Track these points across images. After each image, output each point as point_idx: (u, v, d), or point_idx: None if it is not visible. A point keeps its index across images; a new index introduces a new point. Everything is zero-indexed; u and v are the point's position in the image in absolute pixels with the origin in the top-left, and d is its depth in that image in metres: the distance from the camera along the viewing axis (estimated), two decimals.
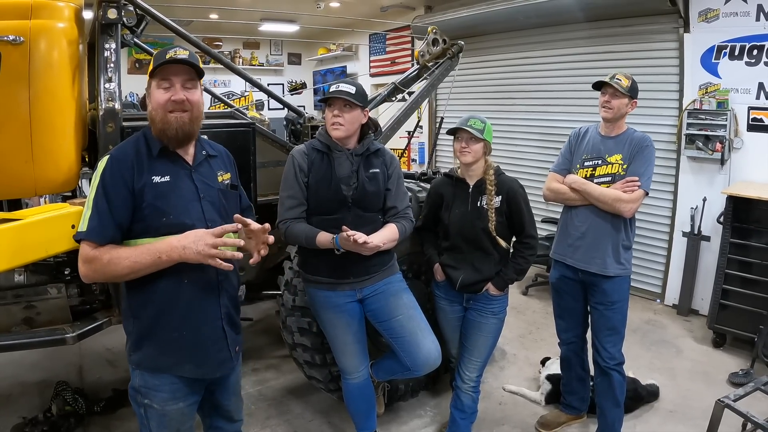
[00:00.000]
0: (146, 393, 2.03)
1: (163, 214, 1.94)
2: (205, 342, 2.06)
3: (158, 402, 2.03)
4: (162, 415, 2.04)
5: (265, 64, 11.79)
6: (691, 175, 5.37)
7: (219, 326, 2.09)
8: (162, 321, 1.99)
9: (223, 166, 2.22)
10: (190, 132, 2.01)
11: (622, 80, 3.01)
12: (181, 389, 2.06)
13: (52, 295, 2.87)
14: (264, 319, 5.21)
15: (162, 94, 1.96)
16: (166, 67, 1.95)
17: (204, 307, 2.05)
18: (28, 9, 2.58)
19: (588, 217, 3.11)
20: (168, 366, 2.02)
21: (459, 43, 4.81)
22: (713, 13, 5.02)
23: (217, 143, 2.31)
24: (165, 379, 2.02)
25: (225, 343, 2.12)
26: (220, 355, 2.11)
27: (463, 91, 7.51)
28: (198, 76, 2.03)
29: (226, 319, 2.12)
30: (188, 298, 2.00)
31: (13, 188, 2.77)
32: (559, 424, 3.55)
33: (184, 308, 2.00)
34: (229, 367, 2.18)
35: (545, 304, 5.71)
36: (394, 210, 2.86)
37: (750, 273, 4.53)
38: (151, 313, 1.99)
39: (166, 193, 1.96)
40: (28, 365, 4.24)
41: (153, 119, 1.98)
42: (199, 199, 2.04)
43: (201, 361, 2.06)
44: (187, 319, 2.01)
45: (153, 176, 1.96)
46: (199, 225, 1.97)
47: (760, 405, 3.08)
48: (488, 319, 3.07)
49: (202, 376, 2.11)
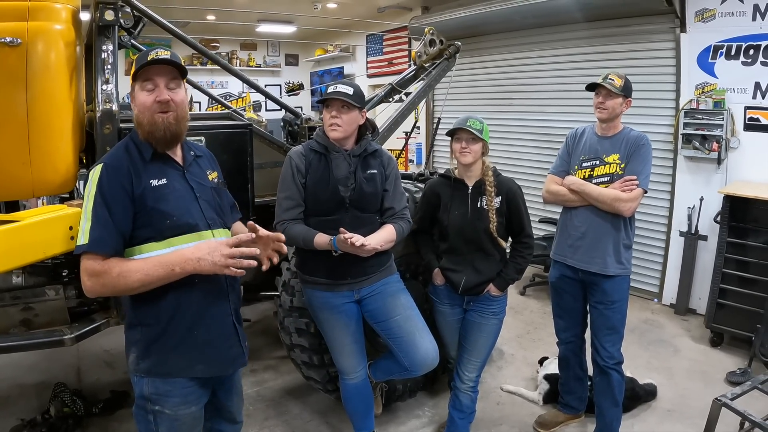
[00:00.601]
0: (157, 400, 2.00)
1: (166, 216, 1.93)
2: (217, 339, 2.07)
3: (170, 407, 2.00)
4: (174, 420, 2.02)
5: (262, 65, 11.78)
6: (688, 174, 5.38)
7: (230, 322, 2.11)
8: (174, 324, 1.97)
9: (210, 165, 2.24)
10: (177, 132, 2.00)
11: (615, 80, 3.02)
12: (193, 392, 2.05)
13: (50, 296, 2.87)
14: (262, 320, 5.22)
15: (146, 96, 1.95)
16: (149, 68, 1.94)
17: (215, 305, 2.06)
18: (26, 11, 2.57)
19: (587, 217, 3.12)
20: (180, 369, 2.00)
21: (456, 43, 4.81)
22: (709, 13, 5.03)
23: (201, 145, 2.37)
24: (176, 383, 2.01)
25: (237, 339, 2.14)
26: (233, 351, 2.13)
27: (460, 92, 7.51)
28: (181, 76, 2.03)
29: (235, 315, 2.14)
30: (200, 298, 2.00)
31: (10, 190, 2.76)
32: (557, 423, 3.56)
33: (196, 308, 2.00)
34: (242, 362, 2.20)
35: (543, 304, 5.71)
36: (391, 211, 2.86)
37: (747, 272, 4.54)
38: (162, 318, 1.97)
39: (166, 196, 1.96)
40: (26, 367, 4.24)
41: (140, 122, 1.97)
42: (197, 199, 2.05)
43: (214, 359, 2.07)
44: (200, 319, 2.01)
45: (150, 180, 1.95)
46: (201, 224, 2.00)
47: (758, 403, 3.09)
48: (489, 320, 3.07)
49: (216, 374, 2.12)
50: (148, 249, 1.92)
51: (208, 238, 2.01)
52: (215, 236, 2.04)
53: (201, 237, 1.99)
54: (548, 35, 6.63)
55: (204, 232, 2.02)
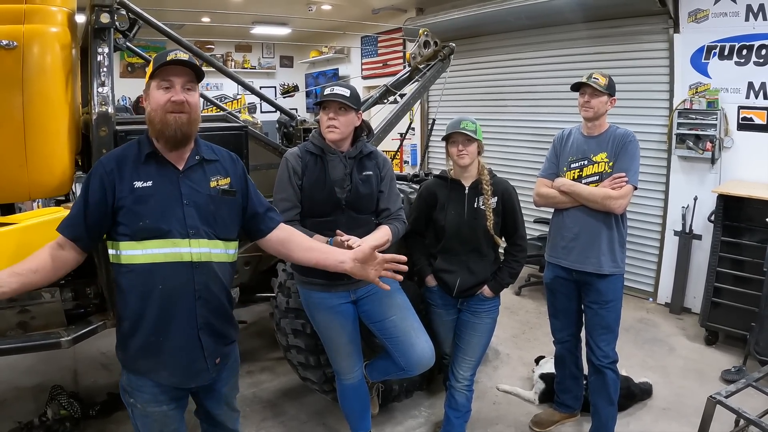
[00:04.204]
0: (131, 392, 2.06)
1: (140, 218, 1.94)
2: (178, 351, 2.02)
3: (141, 402, 2.05)
4: (144, 415, 2.07)
5: (257, 67, 11.78)
6: (682, 174, 5.41)
7: (194, 335, 2.03)
8: (139, 325, 1.98)
9: (222, 170, 2.15)
10: (188, 133, 2.00)
11: (600, 79, 3.05)
12: (162, 393, 2.06)
13: (47, 299, 2.86)
14: (258, 321, 5.22)
15: (162, 95, 1.95)
16: (167, 68, 1.95)
17: (177, 315, 1.99)
18: (21, 14, 2.58)
19: (580, 218, 3.14)
20: (147, 370, 2.02)
21: (450, 45, 4.83)
22: (702, 14, 5.07)
23: (222, 149, 2.27)
24: (146, 381, 2.03)
25: (201, 354, 2.05)
26: (195, 365, 2.06)
27: (454, 93, 7.51)
28: (197, 79, 2.03)
29: (206, 329, 2.05)
30: (162, 305, 1.97)
31: (7, 192, 2.76)
32: (552, 422, 3.57)
33: (157, 314, 1.97)
34: (206, 378, 2.12)
35: (538, 304, 5.73)
36: (387, 212, 2.87)
37: (741, 271, 4.57)
38: (130, 315, 1.99)
39: (146, 198, 1.96)
40: (23, 370, 4.23)
41: (152, 120, 1.98)
42: (182, 205, 2.00)
43: (174, 369, 2.04)
44: (161, 326, 1.98)
45: (135, 181, 1.96)
46: (176, 231, 1.96)
47: (752, 401, 3.11)
48: (482, 319, 3.09)
49: (179, 384, 2.09)
50: (126, 247, 1.96)
51: (183, 246, 1.97)
52: (191, 246, 1.99)
53: (175, 245, 1.97)
54: (542, 36, 6.65)
55: (178, 240, 1.97)
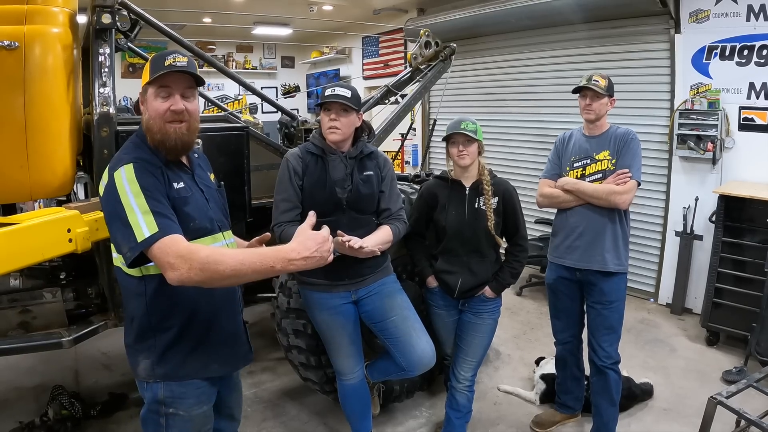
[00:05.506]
0: (171, 402, 1.98)
1: (190, 219, 1.90)
2: (230, 338, 2.10)
3: (184, 409, 1.99)
4: (187, 420, 2.01)
5: (258, 67, 11.77)
6: (683, 174, 5.41)
7: (239, 320, 2.16)
8: (191, 327, 1.96)
9: (207, 165, 2.22)
10: (188, 142, 1.98)
11: (600, 81, 3.07)
12: (205, 392, 2.06)
13: (48, 299, 2.88)
14: (259, 321, 5.21)
15: (161, 104, 1.89)
16: (166, 74, 1.89)
17: (228, 304, 2.08)
18: (23, 14, 2.59)
19: (584, 216, 3.14)
20: (196, 370, 2.00)
21: (451, 45, 4.83)
22: (704, 14, 5.06)
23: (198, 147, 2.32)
24: (191, 385, 2.00)
25: (244, 335, 2.19)
26: (243, 348, 2.18)
27: (455, 93, 7.52)
28: (197, 85, 1.99)
29: (242, 311, 2.20)
30: (215, 299, 2.00)
31: (8, 193, 2.77)
32: (553, 423, 3.57)
33: (212, 309, 2.01)
34: (249, 357, 2.24)
35: (539, 305, 5.73)
36: (387, 212, 2.88)
37: (743, 271, 4.56)
38: (179, 321, 1.94)
39: (188, 199, 1.93)
40: (24, 370, 4.24)
41: (150, 128, 1.91)
42: (207, 201, 2.04)
43: (227, 358, 2.10)
44: (215, 319, 2.02)
45: (173, 182, 1.92)
46: (214, 227, 2.01)
47: (753, 401, 3.11)
48: (484, 320, 3.09)
49: (228, 372, 2.16)
50: None
51: (219, 240, 2.02)
52: (225, 239, 2.06)
53: (215, 240, 2.00)
54: (543, 37, 6.65)
55: (217, 235, 2.02)
